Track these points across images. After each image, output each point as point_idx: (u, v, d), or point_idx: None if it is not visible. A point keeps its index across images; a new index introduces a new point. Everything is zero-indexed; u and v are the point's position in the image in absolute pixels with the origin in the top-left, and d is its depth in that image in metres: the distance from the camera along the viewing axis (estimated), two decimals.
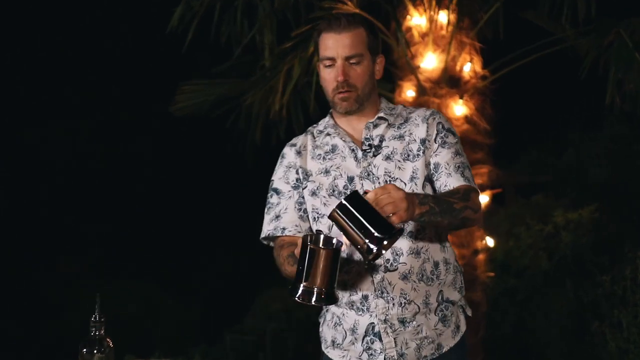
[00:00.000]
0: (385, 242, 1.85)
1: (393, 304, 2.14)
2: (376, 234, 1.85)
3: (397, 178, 2.16)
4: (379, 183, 2.16)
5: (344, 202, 1.88)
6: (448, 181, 2.16)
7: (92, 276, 9.90)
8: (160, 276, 9.94)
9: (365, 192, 1.94)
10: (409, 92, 4.95)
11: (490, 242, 5.24)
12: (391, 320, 2.15)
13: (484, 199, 5.06)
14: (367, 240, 1.85)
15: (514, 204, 7.87)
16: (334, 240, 1.94)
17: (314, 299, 1.90)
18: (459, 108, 4.91)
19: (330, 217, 1.90)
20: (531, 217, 6.99)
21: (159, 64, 9.59)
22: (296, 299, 1.90)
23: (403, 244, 2.13)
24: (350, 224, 1.87)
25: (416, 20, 4.94)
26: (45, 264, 9.97)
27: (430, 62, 4.88)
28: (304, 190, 2.24)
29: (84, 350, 2.07)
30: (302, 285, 1.90)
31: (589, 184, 7.65)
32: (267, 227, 2.27)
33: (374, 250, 1.85)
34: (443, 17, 4.87)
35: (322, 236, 1.95)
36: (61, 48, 10.11)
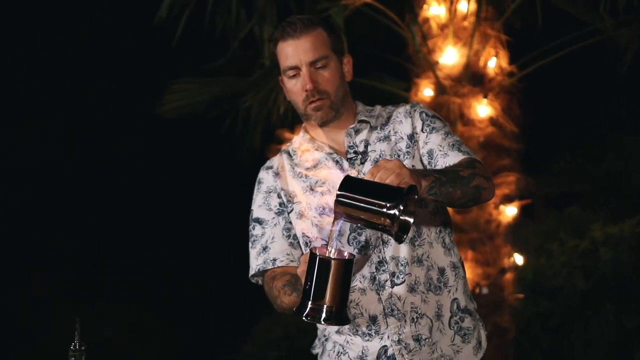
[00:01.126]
0: (402, 206, 1.85)
1: (405, 321, 2.17)
2: (389, 202, 1.86)
3: None
4: None
5: (340, 191, 1.91)
6: (446, 161, 2.20)
7: (70, 298, 9.89)
8: (146, 297, 9.94)
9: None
10: (426, 91, 4.97)
11: (519, 259, 5.25)
12: (405, 340, 2.18)
13: (511, 211, 5.08)
14: (384, 210, 1.86)
15: (545, 216, 7.86)
16: (346, 253, 1.96)
17: (323, 317, 1.91)
18: (482, 109, 4.93)
19: (335, 212, 1.92)
20: (565, 232, 6.99)
21: (146, 60, 9.61)
22: (303, 317, 1.91)
23: (404, 252, 2.17)
24: (360, 205, 1.89)
25: (434, 9, 4.97)
26: (15, 284, 9.97)
27: (450, 57, 4.91)
28: (290, 214, 2.26)
29: None
30: (309, 302, 1.91)
31: (632, 193, 7.64)
32: (256, 263, 2.28)
33: (396, 215, 1.85)
34: (464, 6, 4.89)
35: (333, 249, 1.96)
36: (30, 40, 10.17)
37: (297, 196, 2.26)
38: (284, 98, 4.73)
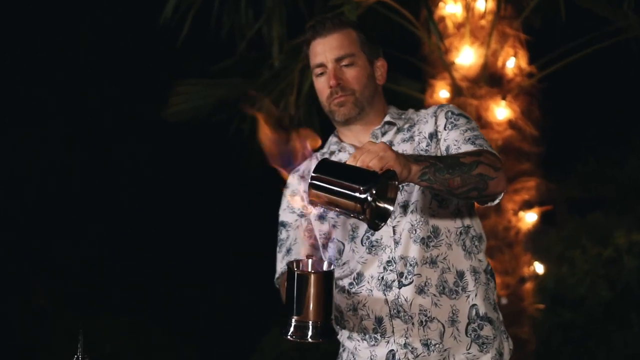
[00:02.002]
0: (374, 191, 1.80)
1: (412, 324, 2.16)
2: (362, 186, 1.80)
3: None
4: None
5: (314, 174, 1.87)
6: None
7: (72, 309, 9.91)
8: (151, 309, 9.95)
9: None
10: (442, 93, 4.96)
11: (539, 268, 5.23)
12: (412, 343, 2.16)
13: (531, 217, 5.06)
14: (356, 195, 1.80)
15: (567, 223, 7.84)
16: (324, 264, 1.94)
17: (309, 334, 1.88)
18: (501, 111, 4.91)
19: (310, 198, 1.89)
20: (588, 239, 6.95)
21: (150, 62, 9.64)
22: (289, 337, 1.89)
23: (414, 252, 2.16)
24: (331, 189, 1.84)
25: (450, 8, 4.96)
26: (15, 295, 10.00)
27: (467, 57, 4.90)
28: (311, 215, 2.30)
29: None
30: (293, 320, 1.88)
31: None
32: (280, 265, 2.32)
33: (367, 200, 1.79)
34: (482, 4, 4.88)
35: (310, 260, 1.94)
36: (31, 41, 10.21)
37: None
38: (294, 100, 4.74)
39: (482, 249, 2.27)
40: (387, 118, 2.31)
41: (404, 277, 2.16)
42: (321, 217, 2.28)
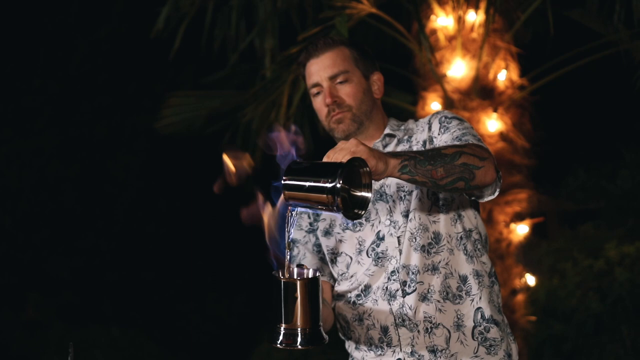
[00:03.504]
0: (340, 178, 1.79)
1: (418, 331, 2.17)
2: (330, 177, 1.80)
3: (411, 191, 2.22)
4: (393, 201, 2.22)
5: (285, 176, 1.87)
6: None
7: (63, 321, 9.88)
8: (142, 321, 9.93)
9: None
10: (433, 105, 4.96)
11: (530, 280, 5.22)
12: (419, 351, 2.17)
13: (522, 229, 5.06)
14: (325, 185, 1.80)
15: (558, 235, 7.85)
16: (310, 271, 1.95)
17: (299, 341, 1.89)
18: (492, 123, 4.92)
19: (285, 199, 1.89)
20: (579, 251, 6.96)
21: (142, 73, 9.64)
22: (278, 345, 1.90)
23: (415, 260, 2.17)
24: (302, 185, 1.85)
25: (442, 21, 4.96)
26: (7, 307, 9.96)
27: (458, 69, 4.90)
28: (317, 231, 2.33)
29: None
30: (282, 327, 1.89)
31: None
32: None
33: (336, 187, 1.79)
34: (473, 16, 4.88)
35: (295, 269, 1.95)
36: (23, 51, 10.21)
37: (323, 214, 2.31)
38: (285, 112, 4.73)
39: (485, 252, 2.27)
40: (387, 130, 2.32)
41: (407, 286, 2.18)
42: (327, 233, 2.31)
